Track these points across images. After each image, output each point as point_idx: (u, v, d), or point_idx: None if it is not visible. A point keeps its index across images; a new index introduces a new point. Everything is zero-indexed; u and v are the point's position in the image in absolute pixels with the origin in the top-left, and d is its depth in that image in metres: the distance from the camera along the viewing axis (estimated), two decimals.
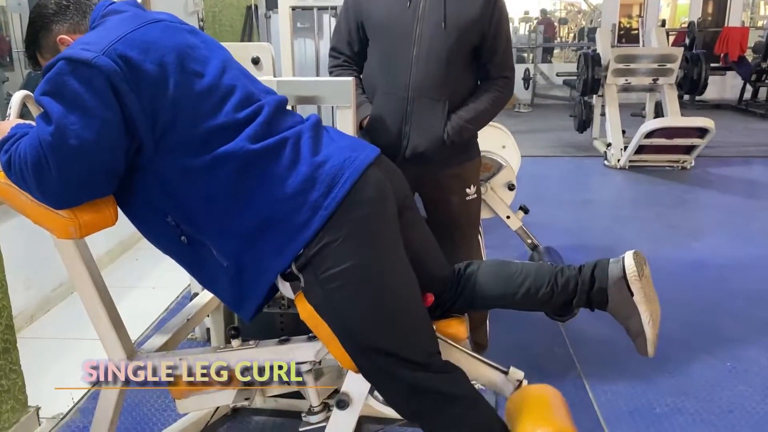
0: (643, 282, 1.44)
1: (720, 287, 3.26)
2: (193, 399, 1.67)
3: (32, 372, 2.20)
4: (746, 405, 2.24)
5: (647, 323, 1.45)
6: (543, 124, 8.53)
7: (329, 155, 1.36)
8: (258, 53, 1.91)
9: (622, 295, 1.45)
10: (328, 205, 1.29)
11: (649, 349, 1.48)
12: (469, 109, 2.03)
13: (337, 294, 1.31)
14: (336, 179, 1.31)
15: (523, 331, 2.73)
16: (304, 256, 1.31)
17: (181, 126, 1.29)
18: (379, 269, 1.33)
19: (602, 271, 1.49)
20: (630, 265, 1.45)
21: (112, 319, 1.61)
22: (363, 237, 1.31)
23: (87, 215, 1.32)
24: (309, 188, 1.30)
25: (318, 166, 1.33)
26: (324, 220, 1.29)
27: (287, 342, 1.58)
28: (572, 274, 1.52)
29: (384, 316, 1.34)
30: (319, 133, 1.42)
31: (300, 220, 1.29)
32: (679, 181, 5.48)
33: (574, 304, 1.52)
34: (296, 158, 1.33)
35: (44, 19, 1.42)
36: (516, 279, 1.55)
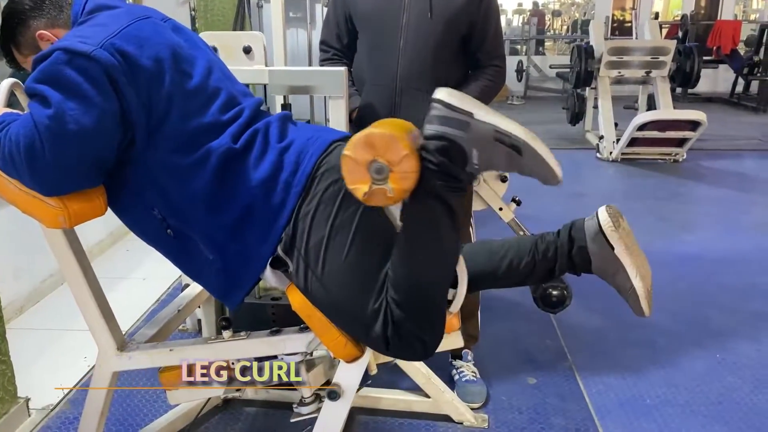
0: (621, 233, 1.40)
1: (710, 280, 3.27)
2: (184, 390, 1.66)
3: (22, 363, 2.19)
4: (735, 396, 2.25)
5: (635, 276, 1.39)
6: (536, 116, 8.53)
7: (294, 139, 1.40)
8: (250, 42, 1.90)
9: (603, 251, 1.41)
10: (298, 181, 1.32)
11: (643, 305, 1.41)
12: None
13: (321, 266, 1.30)
14: (301, 157, 1.35)
15: (515, 322, 2.74)
16: (286, 236, 1.32)
17: (172, 121, 1.31)
18: (359, 228, 1.31)
19: (579, 230, 1.46)
20: (604, 218, 1.41)
21: (102, 309, 1.60)
22: (334, 201, 1.31)
23: (77, 204, 1.31)
24: (278, 171, 1.33)
25: (283, 150, 1.36)
26: (298, 197, 1.31)
27: (279, 333, 1.57)
28: (551, 239, 1.50)
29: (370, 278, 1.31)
30: (285, 125, 1.46)
31: (275, 202, 1.32)
32: (671, 174, 5.50)
33: (557, 269, 1.48)
34: (265, 147, 1.36)
35: (21, 14, 1.41)
36: (498, 253, 1.54)
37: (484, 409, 2.16)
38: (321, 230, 1.30)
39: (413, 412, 2.12)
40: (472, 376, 2.26)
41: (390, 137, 1.19)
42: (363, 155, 1.19)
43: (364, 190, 1.20)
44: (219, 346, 1.58)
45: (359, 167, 1.20)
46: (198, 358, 1.60)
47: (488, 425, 2.08)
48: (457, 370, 2.29)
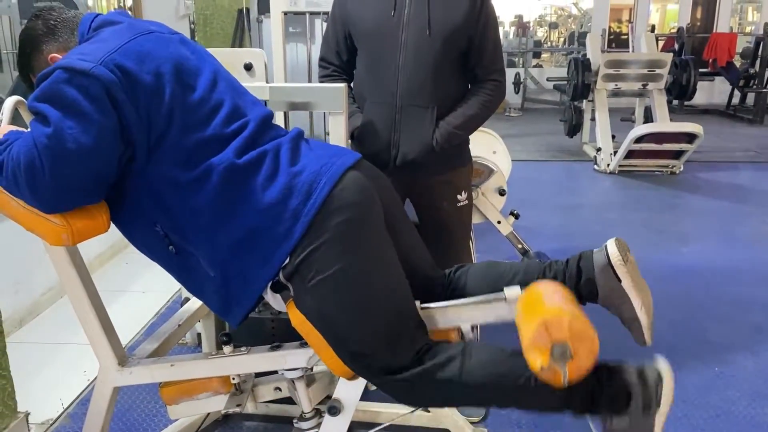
0: (629, 267, 1.43)
1: (707, 292, 3.29)
2: (184, 405, 1.67)
3: (21, 377, 2.19)
4: (734, 409, 2.26)
5: (639, 309, 1.43)
6: (533, 128, 8.57)
7: (306, 164, 1.37)
8: (251, 59, 1.92)
9: (610, 283, 1.44)
10: (308, 211, 1.30)
11: (645, 335, 1.45)
12: (458, 114, 2.03)
13: (325, 300, 1.31)
14: (314, 186, 1.33)
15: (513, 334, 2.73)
16: (290, 265, 1.32)
17: (172, 136, 1.30)
18: (365, 272, 1.33)
19: (587, 261, 1.48)
20: (613, 251, 1.44)
21: (103, 324, 1.60)
22: (347, 241, 1.32)
23: (80, 222, 1.32)
24: (288, 197, 1.32)
25: (295, 175, 1.34)
26: (305, 227, 1.30)
27: (279, 348, 1.58)
28: (559, 268, 1.53)
29: (374, 320, 1.34)
30: (299, 144, 1.44)
31: (282, 229, 1.30)
32: (668, 186, 5.52)
33: None
34: (275, 169, 1.35)
35: (34, 40, 1.44)
36: (505, 277, 1.56)
37: (483, 423, 2.17)
38: (329, 267, 1.30)
39: (412, 426, 2.12)
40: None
41: (591, 331, 1.25)
42: (557, 333, 1.24)
43: (542, 365, 1.24)
44: (220, 362, 1.59)
45: (546, 341, 1.24)
46: (199, 373, 1.61)
47: None
48: None
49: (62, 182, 1.25)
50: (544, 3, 14.23)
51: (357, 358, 1.36)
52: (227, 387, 1.65)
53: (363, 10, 2.01)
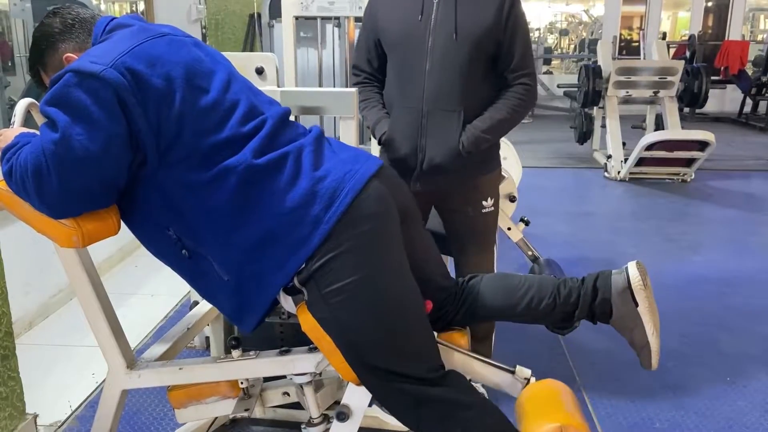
0: (647, 292, 1.44)
1: (719, 301, 3.26)
2: (192, 408, 1.66)
3: (30, 379, 2.19)
4: (745, 420, 2.23)
5: (651, 334, 1.44)
6: (543, 135, 8.54)
7: (330, 169, 1.35)
8: (262, 63, 1.92)
9: (627, 306, 1.45)
10: (329, 219, 1.29)
11: (653, 360, 1.47)
12: (486, 118, 1.99)
13: (341, 309, 1.30)
14: (336, 193, 1.31)
15: (524, 344, 2.71)
16: (306, 271, 1.30)
17: (184, 141, 1.29)
18: (382, 285, 1.32)
19: (605, 282, 1.49)
20: (635, 274, 1.44)
21: (112, 327, 1.60)
22: (365, 252, 1.31)
23: (90, 224, 1.32)
24: (310, 202, 1.30)
25: (318, 180, 1.33)
26: (325, 235, 1.28)
27: (288, 353, 1.57)
28: (574, 285, 1.52)
29: (388, 332, 1.33)
30: (321, 146, 1.42)
31: (301, 234, 1.29)
32: (679, 194, 5.49)
33: (576, 315, 1.51)
34: (297, 173, 1.33)
35: (50, 38, 1.43)
36: (518, 291, 1.55)
37: None
38: (346, 276, 1.29)
39: None
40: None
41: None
42: None
43: None
44: (228, 366, 1.59)
45: None
46: (207, 377, 1.61)
47: None
48: None
49: (69, 188, 1.24)
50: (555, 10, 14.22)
51: (367, 367, 1.35)
52: (236, 391, 1.65)
53: (391, 17, 2.02)
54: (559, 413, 1.32)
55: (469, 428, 1.34)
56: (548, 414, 1.32)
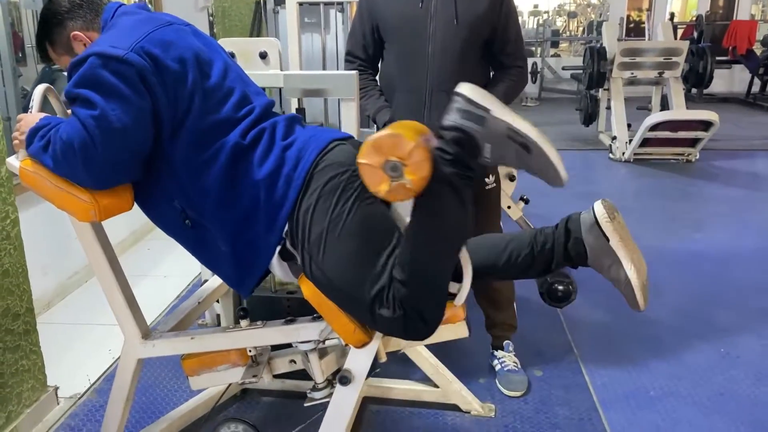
0: (616, 225, 1.45)
1: (718, 278, 3.32)
2: (204, 376, 1.76)
3: (50, 355, 2.30)
4: (737, 389, 2.31)
5: (629, 268, 1.44)
6: (550, 117, 8.58)
7: (297, 137, 1.49)
8: (266, 48, 2.00)
9: (599, 242, 1.46)
10: (298, 175, 1.41)
11: (638, 296, 1.45)
12: None
13: (322, 256, 1.38)
14: (302, 153, 1.44)
15: (525, 317, 2.76)
16: (290, 229, 1.41)
17: (192, 117, 1.41)
18: (353, 221, 1.37)
19: (575, 223, 1.51)
20: (600, 210, 1.47)
21: (127, 299, 1.70)
22: (333, 194, 1.39)
23: (106, 199, 1.41)
24: (281, 165, 1.42)
25: (287, 146, 1.46)
26: (298, 191, 1.40)
27: (293, 322, 1.66)
28: (549, 232, 1.56)
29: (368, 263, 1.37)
30: (293, 123, 1.55)
31: (278, 194, 1.41)
32: (684, 174, 5.53)
33: (555, 262, 1.54)
34: (271, 144, 1.46)
35: (58, 15, 1.53)
36: (498, 246, 1.61)
37: (491, 399, 2.24)
38: (321, 222, 1.38)
39: (422, 402, 2.21)
40: (513, 366, 2.35)
41: (394, 136, 1.28)
42: (375, 158, 1.30)
43: (386, 189, 1.31)
44: (237, 335, 1.68)
45: (375, 170, 1.30)
46: (217, 345, 1.70)
47: (495, 414, 2.16)
48: (498, 360, 2.38)
49: (113, 159, 1.35)
50: None
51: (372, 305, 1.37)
52: (244, 359, 1.74)
53: (391, 4, 2.10)
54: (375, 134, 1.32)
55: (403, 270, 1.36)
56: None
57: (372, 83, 2.21)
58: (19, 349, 2.05)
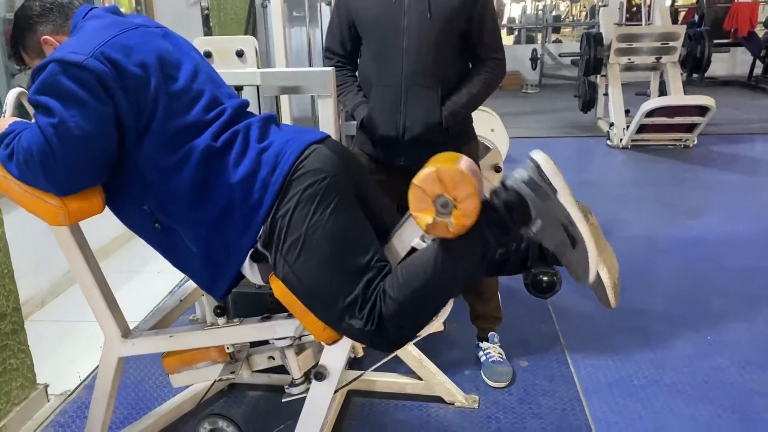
0: (590, 228, 1.42)
1: (710, 264, 3.32)
2: (185, 373, 1.78)
3: (42, 352, 2.34)
4: (722, 376, 2.32)
5: (602, 269, 1.45)
6: (550, 104, 8.54)
7: (273, 140, 1.49)
8: (242, 46, 2.00)
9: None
10: (275, 180, 1.41)
11: (609, 295, 1.46)
12: (463, 93, 2.11)
13: (298, 262, 1.40)
14: (279, 157, 1.44)
15: (512, 307, 2.78)
16: (264, 233, 1.42)
17: (157, 122, 1.40)
18: (335, 229, 1.40)
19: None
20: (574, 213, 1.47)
21: (107, 299, 1.72)
22: (314, 202, 1.40)
23: (75, 203, 1.43)
24: (257, 169, 1.43)
25: (263, 150, 1.46)
26: (275, 196, 1.41)
27: (269, 319, 1.68)
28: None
29: (344, 274, 1.40)
30: (268, 125, 1.55)
31: (254, 199, 1.41)
32: (681, 160, 5.50)
33: (530, 260, 1.57)
34: (245, 146, 1.46)
35: (29, 19, 1.54)
36: None
37: (475, 391, 2.26)
38: (298, 229, 1.39)
39: (406, 394, 2.23)
40: (498, 357, 2.37)
41: (460, 174, 1.28)
42: (432, 188, 1.29)
43: (428, 221, 1.31)
44: (214, 332, 1.70)
45: (426, 198, 1.30)
46: (195, 343, 1.73)
47: (478, 406, 2.18)
48: (483, 352, 2.40)
49: (72, 166, 1.36)
50: None
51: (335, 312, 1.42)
52: (223, 356, 1.76)
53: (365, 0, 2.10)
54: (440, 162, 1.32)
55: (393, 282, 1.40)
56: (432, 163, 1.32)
57: (350, 79, 2.21)
58: (7, 348, 2.08)
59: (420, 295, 1.39)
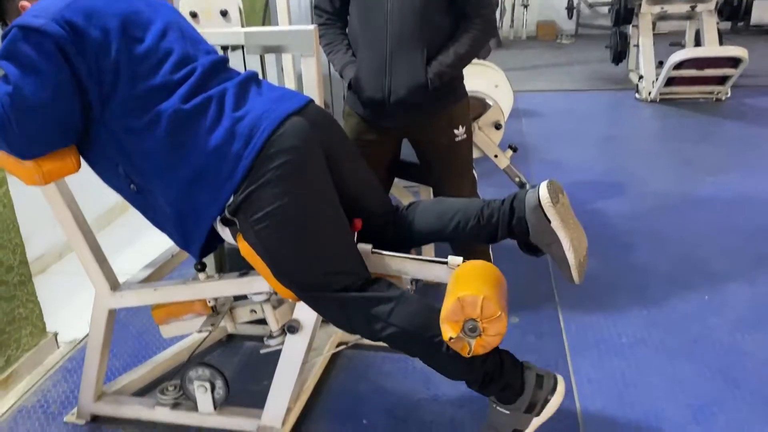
0: (559, 209, 1.51)
1: (720, 222, 3.26)
2: (173, 325, 1.88)
3: (56, 302, 2.46)
4: (713, 336, 2.31)
5: (568, 249, 1.51)
6: (583, 56, 8.30)
7: (249, 109, 1.48)
8: (226, 6, 2.02)
9: (541, 224, 1.52)
10: (248, 155, 1.42)
11: (573, 274, 1.54)
12: (449, 53, 2.09)
13: (265, 234, 1.45)
14: (254, 131, 1.44)
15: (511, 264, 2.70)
16: (233, 203, 1.45)
17: (122, 87, 1.43)
18: (299, 212, 1.45)
19: (520, 201, 1.57)
20: (544, 193, 1.51)
21: (95, 254, 1.81)
22: (284, 182, 1.43)
23: (50, 164, 1.49)
24: (230, 141, 1.43)
25: (238, 120, 1.45)
26: (246, 169, 1.42)
27: (246, 275, 1.75)
28: (496, 206, 1.61)
29: (308, 254, 1.47)
30: (246, 88, 1.54)
31: (226, 170, 1.43)
32: (710, 114, 5.32)
33: (499, 235, 1.60)
34: (220, 114, 1.46)
35: None
36: (447, 214, 1.65)
37: None
38: (267, 206, 1.43)
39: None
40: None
41: (501, 313, 1.38)
42: (471, 311, 1.38)
43: (451, 335, 1.40)
44: (195, 286, 1.78)
45: (459, 316, 1.39)
46: (178, 296, 1.81)
47: None
48: None
49: (29, 132, 1.41)
50: None
51: (295, 283, 1.51)
52: (207, 309, 1.84)
53: None
54: (461, 287, 1.41)
55: (391, 317, 1.47)
56: (453, 292, 1.40)
57: (339, 38, 2.21)
58: (15, 298, 2.21)
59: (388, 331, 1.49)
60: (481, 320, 1.37)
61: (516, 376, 1.53)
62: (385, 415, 1.97)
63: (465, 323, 1.38)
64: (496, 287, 1.45)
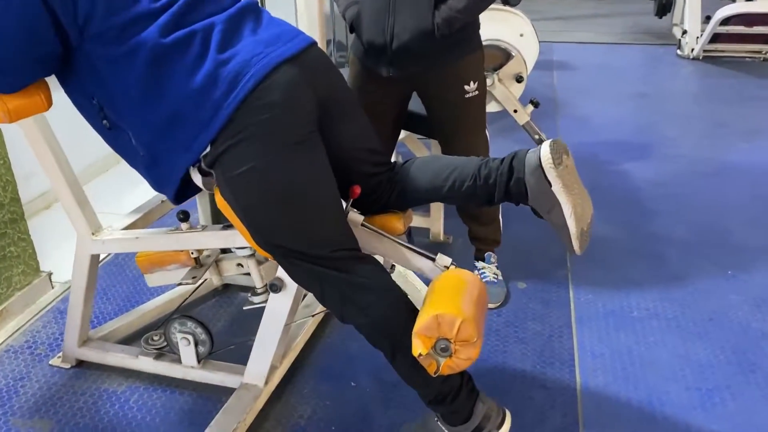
0: (561, 171, 1.37)
1: (746, 192, 3.06)
2: (157, 274, 1.81)
3: (53, 242, 2.41)
4: (730, 314, 2.17)
5: (569, 215, 1.38)
6: (625, 7, 7.90)
7: (237, 51, 1.33)
8: None
9: (541, 186, 1.39)
10: (228, 105, 1.29)
11: (574, 244, 1.41)
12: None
13: (242, 193, 1.34)
14: (238, 78, 1.30)
15: (528, 227, 2.62)
16: (210, 155, 1.33)
17: (99, 16, 1.30)
18: (280, 174, 1.33)
19: (520, 162, 1.43)
20: (546, 153, 1.37)
21: (77, 197, 1.74)
22: (265, 140, 1.31)
23: (16, 101, 1.39)
24: (211, 86, 1.29)
25: (222, 63, 1.31)
26: (224, 121, 1.29)
27: (230, 228, 1.65)
28: (494, 166, 1.47)
29: (286, 217, 1.36)
30: (239, 25, 1.39)
31: (203, 117, 1.31)
32: (755, 75, 5.02)
33: (496, 197, 1.47)
34: (203, 53, 1.32)
35: None
36: (443, 173, 1.52)
37: None
38: (245, 163, 1.31)
39: None
40: (493, 277, 2.30)
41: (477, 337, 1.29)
42: (447, 331, 1.28)
43: (421, 351, 1.30)
44: (178, 236, 1.70)
45: (433, 333, 1.29)
46: (159, 246, 1.73)
47: None
48: (478, 271, 2.33)
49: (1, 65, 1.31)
50: None
51: (270, 245, 1.40)
52: (191, 260, 1.77)
53: None
54: (441, 303, 1.32)
55: (369, 309, 1.39)
56: (432, 305, 1.32)
57: None
58: (6, 236, 2.16)
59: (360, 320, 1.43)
60: (455, 342, 1.28)
61: (467, 406, 1.46)
62: (374, 378, 1.90)
63: (438, 341, 1.29)
64: (477, 307, 1.34)
